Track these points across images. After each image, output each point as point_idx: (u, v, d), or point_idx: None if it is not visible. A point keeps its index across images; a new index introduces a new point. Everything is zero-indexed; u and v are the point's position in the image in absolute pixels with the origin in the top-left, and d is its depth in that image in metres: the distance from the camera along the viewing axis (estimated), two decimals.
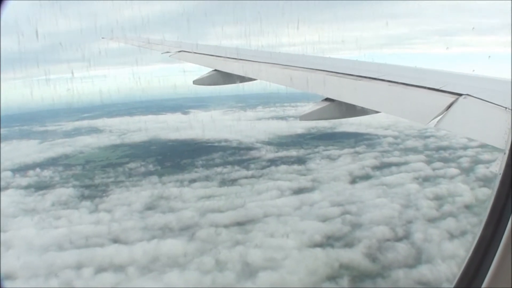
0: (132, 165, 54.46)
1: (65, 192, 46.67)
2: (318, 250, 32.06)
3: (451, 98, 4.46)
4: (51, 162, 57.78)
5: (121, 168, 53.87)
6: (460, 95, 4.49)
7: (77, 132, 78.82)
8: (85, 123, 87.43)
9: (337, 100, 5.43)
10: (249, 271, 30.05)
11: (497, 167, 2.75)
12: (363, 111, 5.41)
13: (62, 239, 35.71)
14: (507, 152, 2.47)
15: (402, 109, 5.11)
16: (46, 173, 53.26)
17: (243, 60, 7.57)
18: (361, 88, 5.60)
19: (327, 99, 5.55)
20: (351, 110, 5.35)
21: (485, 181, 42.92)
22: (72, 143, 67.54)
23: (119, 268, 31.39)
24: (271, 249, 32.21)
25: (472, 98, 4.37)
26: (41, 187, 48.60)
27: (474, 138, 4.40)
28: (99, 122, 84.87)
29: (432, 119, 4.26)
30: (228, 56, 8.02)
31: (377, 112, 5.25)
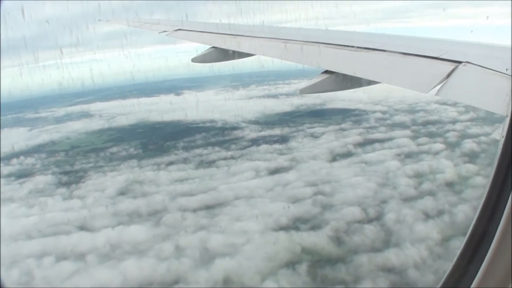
0: (114, 149, 53.70)
1: (43, 179, 46.34)
2: (282, 233, 30.68)
3: (450, 66, 4.41)
4: (37, 149, 57.56)
5: (103, 153, 53.18)
6: (460, 62, 4.43)
7: (68, 117, 78.56)
8: (77, 108, 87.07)
9: (336, 72, 5.36)
10: (207, 257, 28.97)
11: (499, 134, 2.61)
12: (362, 82, 5.30)
13: (31, 228, 35.30)
14: (508, 118, 2.35)
15: (402, 79, 5.10)
16: (29, 160, 52.97)
17: (241, 36, 7.50)
18: (360, 59, 5.56)
19: (326, 72, 5.44)
20: (351, 81, 5.31)
21: (471, 156, 40.80)
22: (61, 129, 67.27)
23: (80, 256, 30.75)
24: (234, 234, 31.07)
25: (472, 65, 4.33)
26: (21, 175, 48.31)
27: (475, 105, 4.30)
28: (91, 107, 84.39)
29: (432, 88, 4.17)
30: (226, 33, 7.92)
31: (376, 82, 5.11)
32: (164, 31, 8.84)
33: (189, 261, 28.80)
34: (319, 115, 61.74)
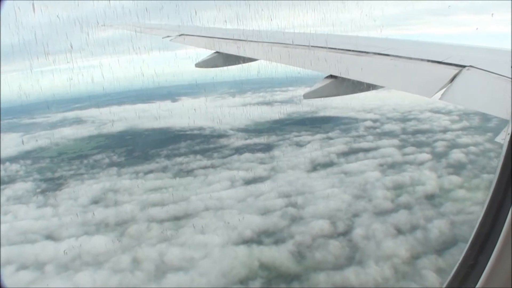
0: (98, 156, 53.06)
1: (23, 186, 45.94)
2: (243, 247, 29.34)
3: (454, 70, 4.42)
4: (24, 156, 57.19)
5: (87, 160, 52.65)
6: (464, 67, 4.44)
7: (62, 123, 78.47)
8: (72, 114, 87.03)
9: (340, 77, 5.39)
10: (161, 271, 27.87)
11: (503, 138, 2.51)
12: (366, 87, 5.30)
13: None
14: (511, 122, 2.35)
15: (405, 83, 5.06)
16: (14, 167, 52.64)
17: (245, 40, 7.56)
18: (364, 63, 5.57)
19: (330, 76, 5.50)
20: (354, 86, 5.33)
21: (456, 167, 38.73)
22: (51, 135, 66.89)
23: (40, 265, 30.22)
24: (194, 247, 29.90)
25: (476, 70, 4.35)
26: (3, 182, 47.98)
27: (479, 109, 4.20)
28: (85, 113, 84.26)
29: (436, 92, 4.17)
30: (230, 38, 7.99)
31: (380, 87, 5.16)
32: (168, 36, 8.95)
33: (142, 275, 27.79)
34: (309, 123, 59.85)
